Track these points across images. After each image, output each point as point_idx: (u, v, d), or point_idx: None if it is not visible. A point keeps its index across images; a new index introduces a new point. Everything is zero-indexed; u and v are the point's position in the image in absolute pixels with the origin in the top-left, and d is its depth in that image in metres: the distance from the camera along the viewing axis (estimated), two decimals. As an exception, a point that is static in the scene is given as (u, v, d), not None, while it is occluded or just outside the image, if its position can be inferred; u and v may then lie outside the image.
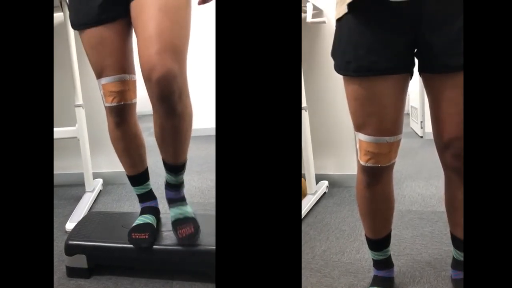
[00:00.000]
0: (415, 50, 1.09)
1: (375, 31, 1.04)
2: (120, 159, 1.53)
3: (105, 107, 1.40)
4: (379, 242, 1.34)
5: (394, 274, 1.41)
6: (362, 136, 1.13)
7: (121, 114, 1.40)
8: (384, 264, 1.38)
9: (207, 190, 2.38)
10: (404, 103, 1.13)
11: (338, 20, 1.10)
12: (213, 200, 2.22)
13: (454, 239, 1.29)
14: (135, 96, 1.41)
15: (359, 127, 1.14)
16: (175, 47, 1.16)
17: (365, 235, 1.36)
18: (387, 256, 1.38)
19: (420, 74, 1.13)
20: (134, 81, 1.39)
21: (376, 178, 1.20)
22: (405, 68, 1.09)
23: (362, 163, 1.17)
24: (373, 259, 1.39)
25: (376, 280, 1.38)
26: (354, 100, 1.12)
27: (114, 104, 1.37)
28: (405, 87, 1.12)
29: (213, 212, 1.89)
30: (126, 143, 1.47)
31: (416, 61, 1.12)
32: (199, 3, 1.26)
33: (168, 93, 1.17)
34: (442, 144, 1.12)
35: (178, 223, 1.43)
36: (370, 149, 1.13)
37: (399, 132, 1.13)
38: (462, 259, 1.28)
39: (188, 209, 1.49)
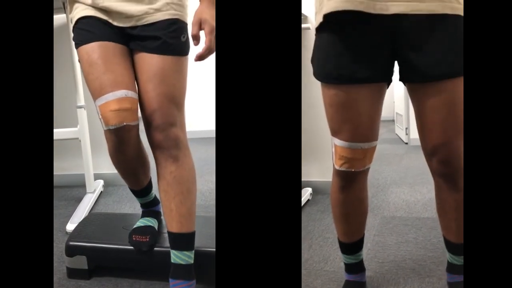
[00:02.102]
0: (395, 61, 1.13)
1: (355, 42, 1.07)
2: (122, 178, 1.47)
3: (105, 131, 1.24)
4: (351, 246, 1.35)
5: (365, 278, 1.41)
6: (337, 141, 1.16)
7: (123, 139, 1.24)
8: (356, 268, 1.38)
9: (208, 193, 2.38)
10: (380, 110, 1.16)
11: (317, 29, 1.13)
12: (213, 202, 2.21)
13: (447, 243, 1.29)
14: (137, 118, 1.25)
15: (334, 132, 1.17)
16: (174, 101, 1.25)
17: (338, 238, 1.36)
18: (359, 260, 1.38)
19: (403, 83, 1.15)
20: (137, 101, 1.25)
21: (350, 182, 1.22)
22: (382, 78, 1.13)
23: (336, 167, 1.20)
24: (344, 263, 1.39)
25: (347, 285, 1.38)
26: (330, 106, 1.15)
27: (115, 126, 1.20)
28: (382, 95, 1.15)
29: (213, 214, 1.90)
30: (128, 165, 1.39)
31: (398, 69, 1.15)
32: (196, 60, 1.21)
33: (166, 140, 1.23)
34: (428, 150, 1.15)
35: None
36: (344, 154, 1.16)
37: (374, 138, 1.16)
38: (456, 262, 1.29)
39: None
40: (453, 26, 1.05)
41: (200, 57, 1.20)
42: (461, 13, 1.05)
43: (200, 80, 3.84)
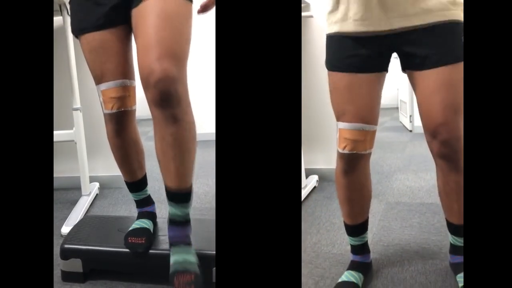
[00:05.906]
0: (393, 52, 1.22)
1: (355, 45, 1.20)
2: (119, 167, 1.51)
3: (104, 114, 1.37)
4: (355, 228, 1.41)
5: (370, 259, 1.49)
6: (341, 124, 1.25)
7: (121, 122, 1.37)
8: (360, 249, 1.45)
9: (203, 195, 2.38)
10: (379, 95, 1.26)
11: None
12: (209, 205, 2.23)
13: (450, 225, 1.35)
14: (135, 103, 1.39)
15: (339, 116, 1.25)
16: (175, 53, 1.16)
17: (343, 221, 1.43)
18: (364, 242, 1.45)
19: (403, 71, 1.24)
20: (134, 87, 1.37)
21: (352, 165, 1.28)
22: (380, 68, 1.23)
23: (340, 150, 1.27)
24: (350, 245, 1.46)
25: (353, 264, 1.44)
26: (334, 89, 1.25)
27: (114, 111, 1.34)
28: (380, 82, 1.25)
29: (209, 217, 1.90)
30: (126, 151, 1.44)
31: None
32: (199, 12, 1.28)
33: (165, 96, 1.14)
34: (429, 132, 1.19)
35: (175, 274, 1.25)
36: (347, 135, 1.23)
37: (374, 122, 1.24)
38: (458, 244, 1.35)
39: (191, 258, 1.28)
40: (450, 29, 1.13)
41: (205, 8, 1.26)
42: (460, 18, 1.13)
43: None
